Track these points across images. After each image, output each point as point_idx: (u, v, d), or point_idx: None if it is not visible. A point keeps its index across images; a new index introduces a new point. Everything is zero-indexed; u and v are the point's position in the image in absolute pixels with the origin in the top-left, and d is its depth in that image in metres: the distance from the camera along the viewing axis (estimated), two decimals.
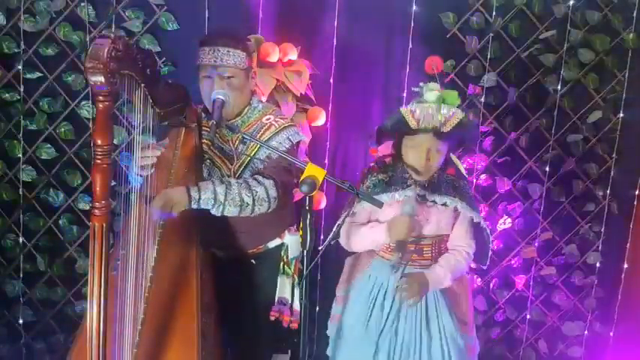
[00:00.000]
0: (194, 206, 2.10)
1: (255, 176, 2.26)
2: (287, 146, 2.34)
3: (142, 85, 1.79)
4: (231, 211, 2.17)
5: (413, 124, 2.20)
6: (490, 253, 2.54)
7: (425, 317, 2.38)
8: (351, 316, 2.48)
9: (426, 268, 2.39)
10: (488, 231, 2.47)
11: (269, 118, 2.39)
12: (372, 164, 2.52)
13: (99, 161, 1.40)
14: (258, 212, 2.23)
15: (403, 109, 2.23)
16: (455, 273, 2.37)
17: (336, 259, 3.12)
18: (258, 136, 2.33)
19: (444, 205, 2.33)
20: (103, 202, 1.42)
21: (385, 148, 2.51)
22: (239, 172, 2.35)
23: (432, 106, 2.19)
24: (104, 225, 1.42)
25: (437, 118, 2.18)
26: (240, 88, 2.32)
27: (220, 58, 2.25)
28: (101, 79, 1.35)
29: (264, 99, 2.81)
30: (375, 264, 2.48)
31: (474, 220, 2.38)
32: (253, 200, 2.18)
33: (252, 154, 2.34)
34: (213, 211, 2.16)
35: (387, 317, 2.39)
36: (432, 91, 2.24)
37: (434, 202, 2.32)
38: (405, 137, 2.29)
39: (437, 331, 2.38)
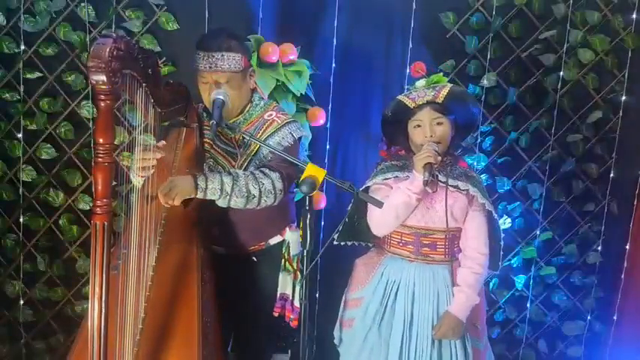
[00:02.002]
0: (200, 196, 2.10)
1: (262, 168, 2.26)
2: (290, 141, 2.34)
3: (144, 84, 1.79)
4: (237, 203, 2.17)
5: (410, 103, 2.33)
6: (502, 253, 2.51)
7: (437, 318, 2.37)
8: (367, 318, 2.44)
9: (440, 264, 2.39)
10: (499, 226, 2.47)
11: (271, 115, 2.39)
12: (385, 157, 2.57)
13: (100, 160, 1.40)
14: (264, 204, 2.23)
15: (399, 96, 2.38)
16: (477, 289, 2.37)
17: (336, 259, 3.13)
18: (260, 133, 2.33)
19: (456, 188, 2.33)
20: (105, 200, 1.42)
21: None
22: (243, 167, 2.35)
23: (423, 87, 2.36)
24: (105, 223, 1.42)
25: (429, 92, 2.31)
26: (237, 90, 2.32)
27: (214, 63, 2.24)
28: (103, 78, 1.36)
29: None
30: (386, 261, 2.48)
31: (486, 208, 2.36)
32: (260, 192, 2.18)
33: (254, 152, 2.34)
34: (220, 202, 2.16)
35: (403, 316, 2.39)
36: (420, 81, 2.41)
37: (446, 183, 2.31)
38: (409, 123, 2.36)
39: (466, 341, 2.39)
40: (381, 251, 2.52)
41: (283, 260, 2.52)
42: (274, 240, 2.53)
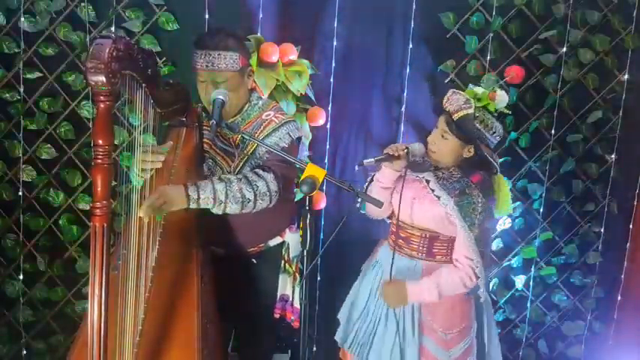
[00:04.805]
0: (193, 206, 2.07)
1: (255, 170, 2.24)
2: (287, 142, 2.31)
3: (143, 85, 1.79)
4: (232, 209, 2.14)
5: (445, 102, 2.30)
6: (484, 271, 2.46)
7: (402, 322, 2.42)
8: (359, 302, 2.57)
9: (413, 259, 2.41)
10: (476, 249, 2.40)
11: (269, 114, 2.37)
12: None
13: (99, 161, 1.39)
14: (260, 207, 2.20)
15: (454, 90, 2.31)
16: (445, 289, 2.32)
17: (336, 258, 3.13)
18: (258, 133, 2.31)
19: (438, 198, 2.32)
20: (104, 202, 1.41)
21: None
22: (239, 167, 2.34)
23: (463, 95, 2.27)
24: (105, 225, 1.42)
25: (455, 104, 2.25)
26: (235, 89, 2.30)
27: (212, 62, 2.22)
28: (102, 79, 1.35)
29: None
30: (381, 250, 2.57)
31: (460, 229, 2.30)
32: (255, 195, 2.15)
33: (251, 152, 2.33)
34: (215, 210, 2.13)
35: (370, 285, 2.52)
36: (474, 87, 2.33)
37: (432, 190, 2.33)
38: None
39: (411, 336, 2.42)
40: (382, 241, 2.64)
41: (283, 262, 2.52)
42: (274, 242, 2.52)
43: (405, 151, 2.26)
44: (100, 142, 1.39)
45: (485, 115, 2.29)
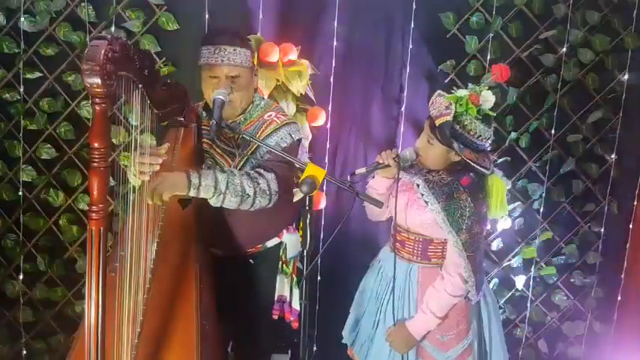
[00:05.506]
0: (192, 193, 2.02)
1: (257, 169, 2.21)
2: (288, 142, 2.30)
3: (140, 86, 1.78)
4: (231, 202, 2.09)
5: (430, 105, 2.26)
6: (483, 284, 2.44)
7: (391, 305, 2.41)
8: (361, 305, 2.58)
9: (409, 261, 2.41)
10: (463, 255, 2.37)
11: (270, 115, 2.37)
12: None
13: (96, 164, 1.38)
14: (258, 206, 2.16)
15: (440, 92, 2.26)
16: (438, 309, 2.31)
17: (336, 258, 3.13)
18: (259, 133, 2.31)
19: (426, 203, 2.31)
20: (101, 205, 1.40)
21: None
22: (239, 167, 2.33)
23: (447, 99, 2.20)
24: (102, 228, 1.41)
25: (437, 109, 2.20)
26: (246, 87, 2.30)
27: (227, 57, 2.21)
28: (97, 80, 1.34)
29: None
30: (383, 251, 2.58)
31: (446, 235, 2.30)
32: (255, 192, 2.11)
33: (251, 152, 2.32)
34: (213, 201, 2.08)
35: (379, 306, 2.49)
36: (463, 90, 2.25)
37: (422, 195, 2.32)
38: None
39: None
40: (386, 246, 2.62)
41: (280, 262, 2.52)
42: (271, 242, 2.52)
43: (395, 158, 2.25)
44: (96, 144, 1.38)
45: (468, 119, 2.20)
